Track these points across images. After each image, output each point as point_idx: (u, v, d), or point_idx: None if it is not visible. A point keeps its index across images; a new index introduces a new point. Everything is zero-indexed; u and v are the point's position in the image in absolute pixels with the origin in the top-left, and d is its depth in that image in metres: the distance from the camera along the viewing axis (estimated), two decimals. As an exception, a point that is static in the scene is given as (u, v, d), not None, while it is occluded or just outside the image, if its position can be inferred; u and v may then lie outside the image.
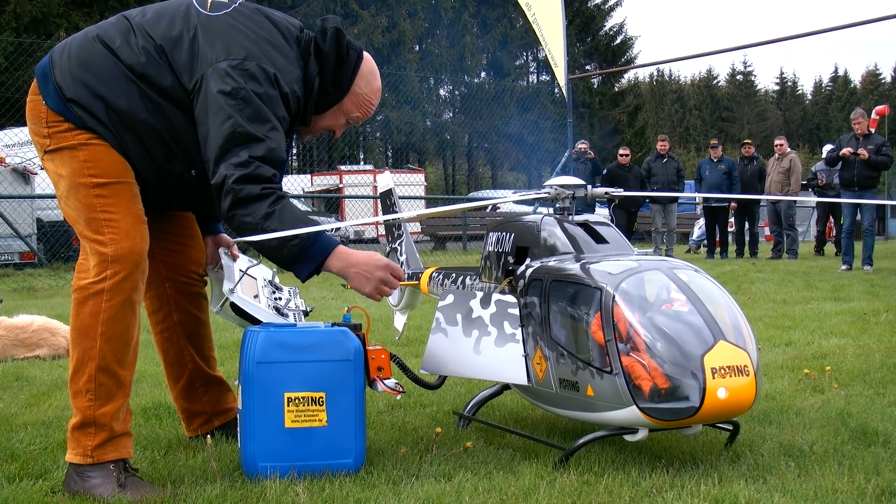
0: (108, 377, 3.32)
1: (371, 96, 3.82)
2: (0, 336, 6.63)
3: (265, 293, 3.92)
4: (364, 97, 3.79)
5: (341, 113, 3.80)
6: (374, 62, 3.84)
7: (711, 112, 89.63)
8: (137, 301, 3.40)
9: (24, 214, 16.95)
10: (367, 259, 3.50)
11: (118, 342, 3.33)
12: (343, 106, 3.77)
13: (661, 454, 3.71)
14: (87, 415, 3.30)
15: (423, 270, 5.07)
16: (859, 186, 14.38)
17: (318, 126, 3.82)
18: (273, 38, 3.51)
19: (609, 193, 4.34)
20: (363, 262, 3.49)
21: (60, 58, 3.45)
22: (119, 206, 3.38)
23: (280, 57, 3.48)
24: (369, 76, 3.78)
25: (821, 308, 9.03)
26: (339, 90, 3.71)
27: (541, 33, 16.25)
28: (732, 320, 3.45)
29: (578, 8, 49.20)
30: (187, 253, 4.01)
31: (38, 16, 28.08)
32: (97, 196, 3.37)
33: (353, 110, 3.80)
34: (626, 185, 17.97)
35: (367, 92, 3.79)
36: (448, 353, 3.83)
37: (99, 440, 3.31)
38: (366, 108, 3.83)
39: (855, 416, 4.34)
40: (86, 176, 3.38)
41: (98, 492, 3.26)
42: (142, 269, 3.39)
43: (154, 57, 3.39)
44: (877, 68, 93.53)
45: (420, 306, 5.91)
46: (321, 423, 3.45)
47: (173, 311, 4.01)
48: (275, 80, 3.40)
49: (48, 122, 3.41)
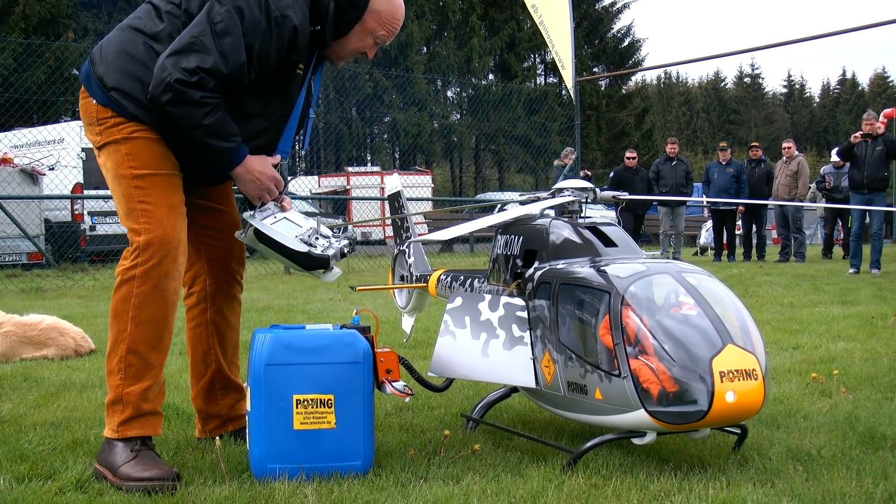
0: (137, 359, 3.51)
1: (393, 11, 3.78)
2: (8, 332, 6.64)
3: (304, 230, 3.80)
4: (385, 14, 3.75)
5: (366, 33, 3.77)
6: None
7: (719, 115, 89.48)
8: (170, 288, 3.55)
9: (32, 215, 16.98)
10: (261, 168, 3.66)
11: (147, 325, 3.52)
12: (366, 25, 3.74)
13: (669, 458, 3.71)
14: (117, 393, 3.53)
15: (432, 273, 5.08)
16: (869, 189, 14.35)
17: (347, 50, 3.81)
18: None
19: (616, 197, 4.34)
20: (257, 169, 3.65)
21: (98, 55, 3.65)
22: (155, 196, 3.55)
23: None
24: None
25: (828, 311, 9.02)
26: (355, 9, 3.70)
27: (548, 35, 16.24)
28: (741, 324, 3.45)
29: (586, 10, 49.20)
30: (231, 250, 4.07)
31: (46, 17, 28.12)
32: (136, 187, 3.55)
33: (377, 28, 3.77)
34: (632, 188, 17.96)
35: (388, 8, 3.75)
36: (456, 356, 3.83)
37: (125, 416, 3.51)
38: (389, 24, 3.79)
39: (863, 420, 4.33)
40: (126, 168, 3.56)
41: (111, 461, 3.45)
42: (172, 256, 3.53)
43: (174, 17, 3.58)
44: (885, 71, 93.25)
45: (428, 309, 5.92)
46: (330, 425, 3.46)
47: (208, 308, 4.09)
48: (265, 11, 3.46)
49: (98, 119, 3.61)
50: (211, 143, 3.50)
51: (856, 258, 14.70)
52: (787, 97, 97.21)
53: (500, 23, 43.50)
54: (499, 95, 32.31)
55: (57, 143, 19.26)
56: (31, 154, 18.95)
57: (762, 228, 19.79)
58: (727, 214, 19.26)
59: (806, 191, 18.50)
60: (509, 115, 33.32)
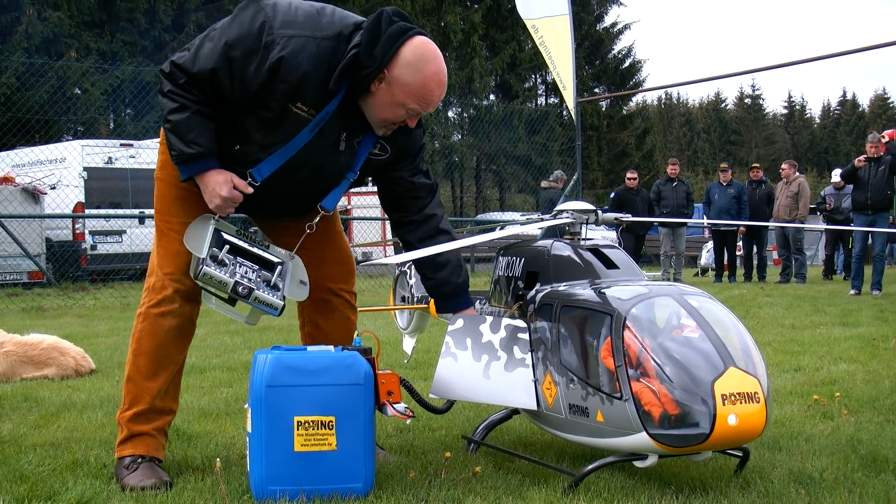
0: (133, 386, 3.83)
1: (424, 83, 3.56)
2: (9, 352, 6.63)
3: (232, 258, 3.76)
4: (414, 87, 3.55)
5: (395, 104, 3.58)
6: (428, 46, 3.57)
7: (720, 135, 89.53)
8: (165, 325, 3.82)
9: (34, 234, 17.00)
10: (214, 183, 3.64)
11: (145, 358, 3.83)
12: (394, 95, 3.55)
13: (671, 480, 3.70)
14: (120, 418, 3.86)
15: (433, 294, 5.07)
16: (873, 210, 14.34)
17: (378, 117, 3.66)
18: (311, 7, 3.59)
19: (619, 219, 4.34)
20: (213, 183, 3.64)
21: None
22: (165, 242, 3.85)
23: (300, 16, 3.52)
24: (417, 62, 3.53)
25: (830, 333, 9.01)
26: (372, 62, 3.49)
27: (549, 56, 16.27)
28: (743, 346, 3.45)
29: (587, 31, 49.29)
30: (322, 267, 4.12)
31: (49, 36, 28.17)
32: (157, 228, 3.91)
33: (406, 101, 3.57)
34: (633, 209, 17.97)
35: (416, 80, 3.54)
36: (457, 378, 3.82)
37: (120, 438, 3.84)
38: (421, 98, 3.59)
39: (865, 443, 4.32)
40: (155, 208, 3.93)
41: (118, 475, 3.75)
42: (170, 299, 3.81)
43: None
44: (885, 92, 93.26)
45: (429, 330, 5.91)
46: (331, 447, 3.45)
47: (306, 322, 4.26)
48: (259, 31, 3.46)
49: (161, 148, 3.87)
50: (171, 139, 3.59)
51: (857, 279, 14.68)
52: (788, 118, 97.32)
53: (502, 43, 43.58)
54: (500, 115, 32.35)
55: (58, 162, 19.30)
56: (33, 173, 18.98)
57: (763, 249, 19.78)
58: (728, 235, 19.26)
59: (806, 212, 18.50)
60: (510, 135, 33.34)
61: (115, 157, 19.68)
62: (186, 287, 3.81)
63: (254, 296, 3.64)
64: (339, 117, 3.66)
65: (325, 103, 3.59)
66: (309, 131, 3.62)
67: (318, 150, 3.69)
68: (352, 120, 3.70)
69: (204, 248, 3.64)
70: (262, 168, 3.68)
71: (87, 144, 19.82)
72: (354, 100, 3.64)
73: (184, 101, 3.53)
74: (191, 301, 3.87)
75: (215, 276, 3.60)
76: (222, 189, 3.63)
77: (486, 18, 42.06)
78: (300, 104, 3.56)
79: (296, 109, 3.57)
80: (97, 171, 19.30)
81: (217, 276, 3.61)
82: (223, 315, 3.88)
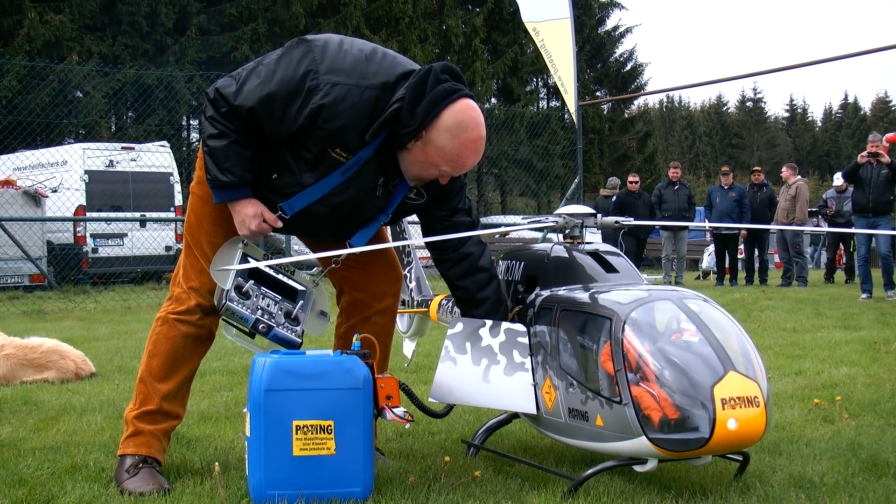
0: (144, 386, 3.89)
1: (461, 150, 3.54)
2: (9, 355, 6.63)
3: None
4: (449, 151, 3.53)
5: (429, 164, 3.58)
6: (470, 113, 3.54)
7: (721, 139, 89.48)
8: (182, 331, 3.89)
9: (35, 237, 17.00)
10: (245, 216, 3.69)
11: (158, 359, 3.89)
12: (429, 155, 3.54)
13: (671, 485, 3.69)
14: (127, 415, 3.91)
15: (433, 297, 5.07)
16: (874, 212, 14.26)
17: (411, 172, 3.66)
18: (360, 52, 3.56)
19: (619, 222, 4.33)
20: (243, 215, 3.69)
21: None
22: (191, 257, 3.91)
23: (348, 62, 3.49)
24: (456, 128, 3.50)
25: (831, 336, 9.00)
26: (412, 122, 3.47)
27: (550, 59, 16.28)
28: (742, 350, 3.44)
29: (589, 35, 49.28)
30: (368, 271, 4.14)
31: (51, 39, 28.16)
32: (185, 241, 3.98)
33: (440, 163, 3.57)
34: (635, 212, 17.98)
35: (453, 146, 3.52)
36: (457, 382, 3.82)
37: (125, 435, 3.88)
38: (454, 163, 3.59)
39: (866, 447, 4.31)
40: (186, 220, 4.00)
41: (118, 477, 3.76)
42: (191, 310, 3.87)
43: None
44: (887, 95, 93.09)
45: (429, 333, 5.91)
46: (329, 451, 3.45)
47: (343, 323, 4.27)
48: (304, 74, 3.45)
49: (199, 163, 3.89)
50: (207, 163, 3.63)
51: (866, 283, 14.47)
52: (790, 121, 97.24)
53: (503, 47, 43.54)
54: (501, 119, 32.26)
55: (60, 165, 19.30)
56: (34, 176, 19.00)
57: (764, 252, 19.77)
58: (729, 239, 19.25)
59: (803, 215, 18.48)
60: (512, 138, 33.30)
61: (117, 161, 19.69)
62: (209, 302, 3.86)
63: (273, 333, 3.74)
64: (377, 163, 3.64)
65: (361, 149, 3.57)
66: (340, 174, 3.61)
67: (351, 192, 3.68)
68: (388, 166, 3.69)
69: (229, 279, 3.69)
70: (293, 202, 3.69)
71: (89, 147, 19.83)
72: (390, 149, 3.63)
73: (223, 129, 3.55)
74: (211, 315, 3.91)
75: (237, 312, 3.70)
76: (251, 223, 3.67)
77: (487, 22, 42.03)
78: (339, 150, 3.55)
79: (334, 154, 3.56)
80: (98, 174, 19.31)
81: (239, 313, 3.70)
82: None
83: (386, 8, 34.70)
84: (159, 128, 27.14)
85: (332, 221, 3.81)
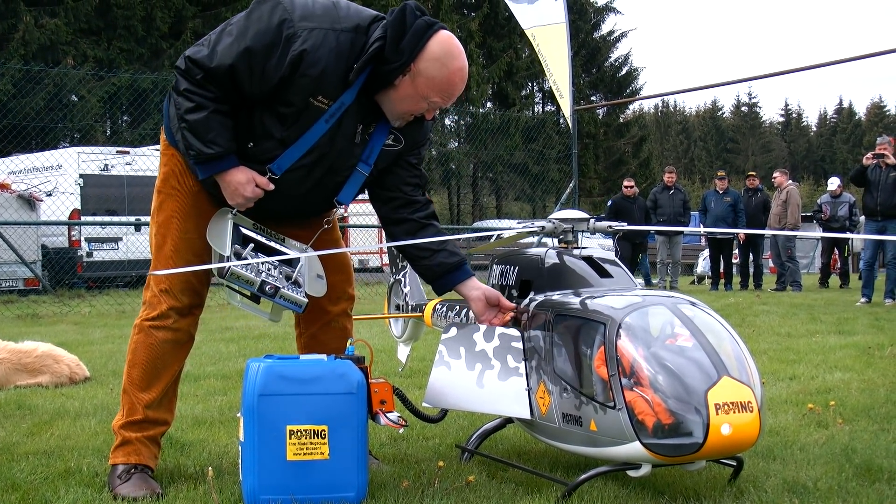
0: (128, 397, 3.87)
1: (449, 77, 3.61)
2: (3, 359, 6.62)
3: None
4: (439, 80, 3.59)
5: (419, 97, 3.62)
6: (453, 41, 3.62)
7: (716, 143, 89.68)
8: (159, 337, 3.85)
9: (30, 241, 16.96)
10: (237, 184, 3.64)
11: (138, 369, 3.85)
12: (418, 88, 3.59)
13: (665, 490, 3.69)
14: (114, 426, 3.89)
15: (427, 302, 5.07)
16: (883, 215, 14.13)
17: (399, 109, 3.69)
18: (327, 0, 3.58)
19: (612, 227, 4.34)
20: (235, 183, 3.64)
21: None
22: (162, 259, 3.86)
23: (318, 9, 3.51)
24: (443, 56, 3.57)
25: (825, 341, 9.00)
26: (399, 57, 3.52)
27: (546, 64, 16.31)
28: (736, 356, 3.44)
29: (584, 39, 49.38)
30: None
31: (46, 43, 28.16)
32: (157, 246, 3.92)
33: (429, 94, 3.61)
34: (630, 217, 17.98)
35: (441, 74, 3.58)
36: (451, 387, 3.82)
37: (115, 445, 3.87)
38: (444, 91, 3.64)
39: (859, 452, 4.32)
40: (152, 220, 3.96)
41: (111, 484, 3.76)
42: (164, 314, 3.84)
43: None
44: (881, 100, 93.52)
45: (423, 338, 5.90)
46: (323, 456, 3.44)
47: (303, 332, 4.29)
48: (280, 24, 3.44)
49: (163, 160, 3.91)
50: (189, 139, 3.56)
51: (867, 287, 14.36)
52: (785, 126, 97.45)
53: (498, 51, 43.61)
54: (497, 123, 32.32)
55: (55, 169, 19.28)
56: (29, 180, 18.96)
57: (759, 257, 19.78)
58: (724, 243, 19.25)
59: (795, 220, 18.49)
60: (507, 143, 33.36)
61: (112, 165, 19.66)
62: (181, 304, 3.84)
63: (280, 294, 3.64)
64: (356, 109, 3.66)
65: (342, 94, 3.59)
66: (325, 122, 3.62)
67: (334, 141, 3.68)
68: (367, 111, 3.71)
69: (227, 245, 3.63)
70: (280, 162, 3.68)
71: (84, 151, 19.80)
72: (371, 92, 3.64)
73: (201, 100, 3.51)
74: (186, 316, 3.88)
75: (243, 275, 3.58)
76: (246, 189, 3.64)
77: (482, 26, 42.12)
78: (321, 97, 3.56)
79: (316, 103, 3.57)
80: (93, 178, 19.28)
81: (244, 275, 3.59)
82: (218, 323, 3.89)
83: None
84: (154, 132, 27.09)
85: (317, 177, 3.78)
